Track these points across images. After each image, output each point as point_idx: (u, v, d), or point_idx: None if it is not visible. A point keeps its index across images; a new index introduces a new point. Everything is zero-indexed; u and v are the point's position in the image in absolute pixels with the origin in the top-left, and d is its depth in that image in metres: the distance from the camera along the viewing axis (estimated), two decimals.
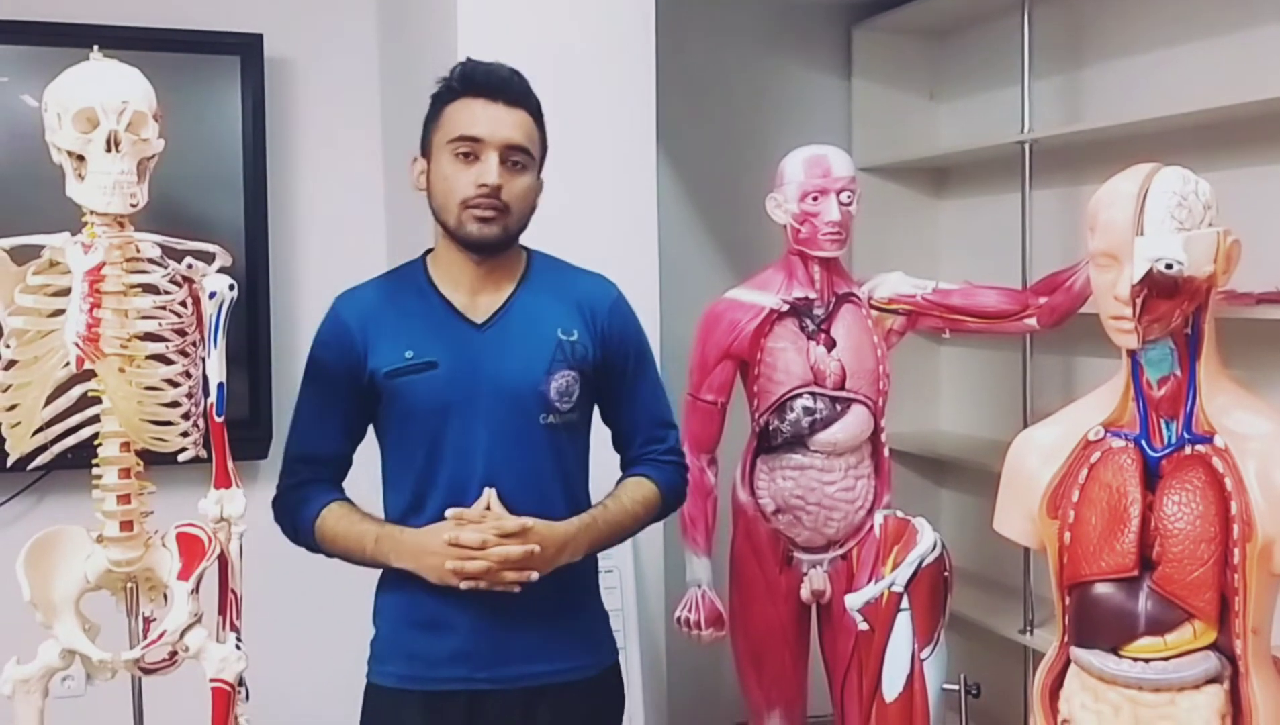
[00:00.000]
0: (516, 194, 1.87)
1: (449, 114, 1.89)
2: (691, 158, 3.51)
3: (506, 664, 1.89)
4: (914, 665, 1.80)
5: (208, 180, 3.01)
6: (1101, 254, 1.56)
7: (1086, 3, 3.17)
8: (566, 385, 1.90)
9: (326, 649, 3.13)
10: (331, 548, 1.92)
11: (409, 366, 1.88)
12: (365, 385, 1.91)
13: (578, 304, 1.95)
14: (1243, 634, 1.50)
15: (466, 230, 1.87)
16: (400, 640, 1.94)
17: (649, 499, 1.98)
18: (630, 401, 2.02)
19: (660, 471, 2.01)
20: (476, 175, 1.84)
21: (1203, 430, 1.56)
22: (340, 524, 1.90)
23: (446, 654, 1.89)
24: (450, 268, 1.94)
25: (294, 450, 1.97)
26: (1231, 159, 2.68)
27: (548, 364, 1.89)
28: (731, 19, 3.63)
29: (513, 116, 1.87)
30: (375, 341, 1.91)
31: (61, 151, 1.63)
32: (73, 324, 1.60)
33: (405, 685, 1.92)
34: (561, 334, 1.91)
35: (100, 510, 1.69)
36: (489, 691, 1.89)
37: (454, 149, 1.86)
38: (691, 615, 2.58)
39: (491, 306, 1.93)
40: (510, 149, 1.86)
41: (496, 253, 1.91)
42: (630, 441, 2.03)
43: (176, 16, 3.02)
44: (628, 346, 2.00)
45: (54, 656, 1.67)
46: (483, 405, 1.87)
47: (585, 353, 1.92)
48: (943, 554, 1.85)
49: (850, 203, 2.52)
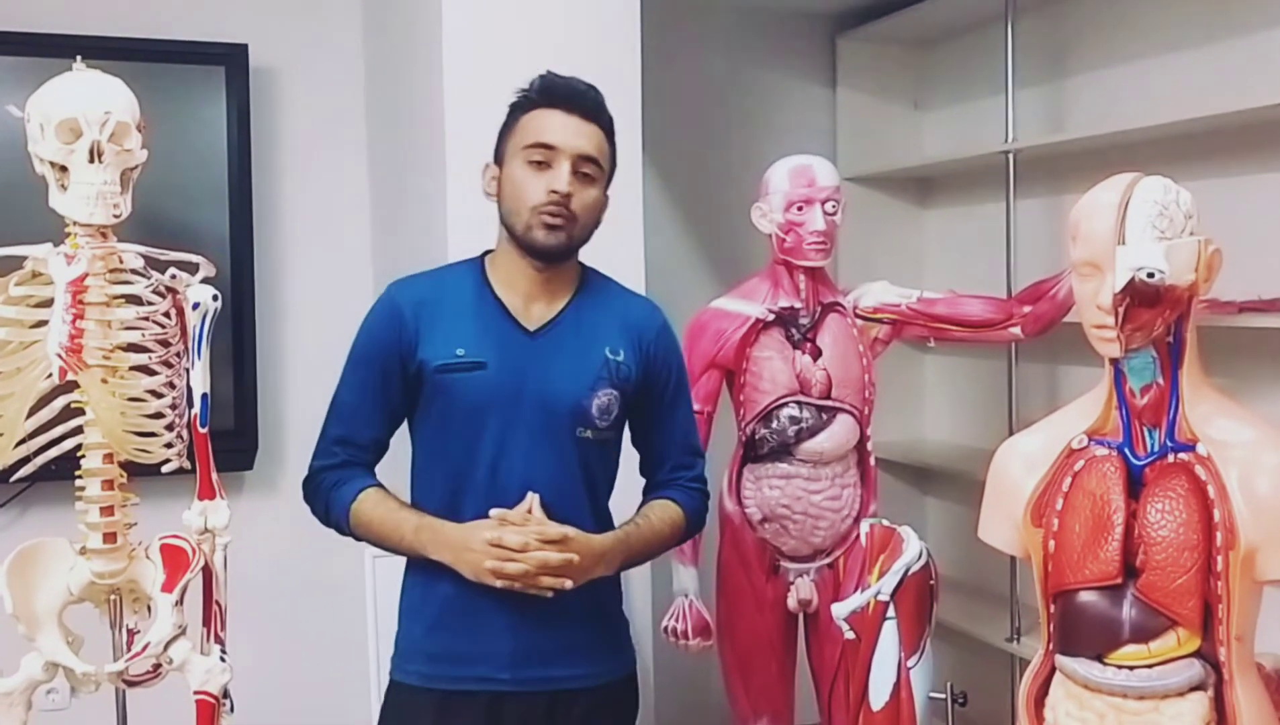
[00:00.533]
0: (585, 204, 1.90)
1: (525, 122, 1.91)
2: (677, 167, 3.51)
3: (529, 666, 1.90)
4: (900, 674, 1.80)
5: (193, 191, 3.00)
6: (1084, 263, 1.56)
7: (1070, 14, 3.19)
8: (608, 403, 1.94)
9: (313, 659, 3.12)
10: (365, 532, 1.93)
11: (459, 364, 1.89)
12: (412, 375, 1.92)
13: (626, 325, 1.99)
14: (1226, 641, 1.50)
15: (534, 236, 1.89)
16: (424, 640, 1.95)
17: (675, 522, 2.03)
18: (664, 427, 2.06)
19: (688, 497, 2.06)
20: (548, 182, 1.87)
21: (1185, 438, 1.57)
22: (378, 510, 1.91)
23: (470, 654, 1.90)
24: (509, 272, 1.95)
25: (333, 431, 1.97)
26: (1213, 168, 2.69)
27: (593, 380, 1.92)
28: (717, 29, 3.64)
29: (587, 129, 1.90)
30: (428, 332, 1.92)
31: (44, 162, 1.63)
32: (55, 335, 1.60)
33: (428, 684, 1.93)
34: (609, 352, 1.95)
35: (83, 522, 1.68)
36: (510, 693, 1.91)
37: (528, 156, 1.89)
38: (678, 625, 2.58)
39: (545, 316, 1.95)
40: (582, 159, 1.89)
41: (558, 261, 1.93)
42: (660, 466, 2.08)
43: (161, 27, 3.01)
44: (669, 373, 2.04)
45: (37, 669, 1.66)
46: (524, 412, 1.90)
47: (629, 374, 1.96)
48: (928, 562, 1.85)
49: (835, 212, 2.53)
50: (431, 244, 2.67)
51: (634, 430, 2.06)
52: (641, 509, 2.03)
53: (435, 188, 2.65)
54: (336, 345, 2.01)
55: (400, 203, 3.06)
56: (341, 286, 3.25)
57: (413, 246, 2.92)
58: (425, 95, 2.72)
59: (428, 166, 2.72)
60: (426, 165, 2.73)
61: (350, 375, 1.98)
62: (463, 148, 2.57)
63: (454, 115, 2.58)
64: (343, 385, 1.99)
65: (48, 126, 1.61)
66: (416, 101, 2.83)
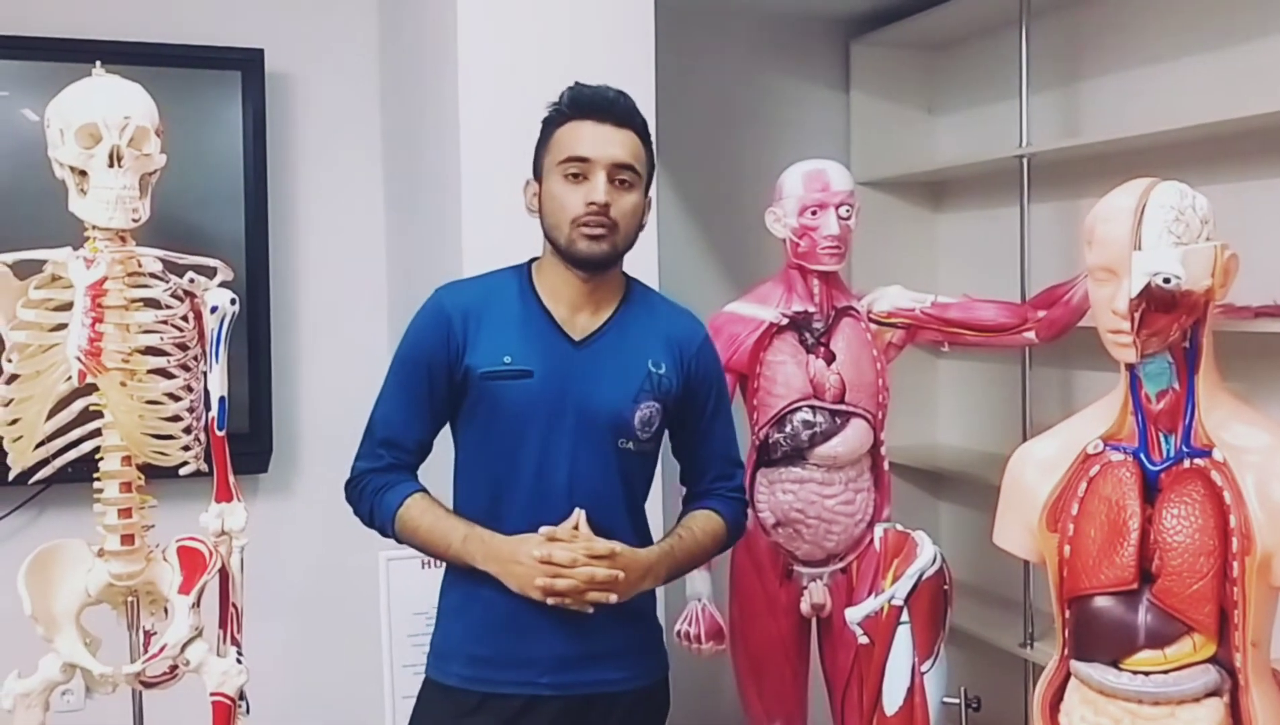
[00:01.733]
0: (625, 211, 1.91)
1: (559, 136, 1.93)
2: (691, 172, 3.51)
3: (567, 671, 1.92)
4: (914, 679, 1.80)
5: (209, 195, 3.01)
6: (1099, 268, 1.56)
7: (1084, 17, 3.18)
8: (650, 415, 1.95)
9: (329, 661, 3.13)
10: (411, 538, 1.94)
11: (505, 371, 1.91)
12: (459, 380, 1.94)
13: (669, 338, 2.01)
14: (1242, 647, 1.50)
15: (577, 248, 1.90)
16: (465, 642, 1.96)
17: (717, 533, 2.05)
18: (705, 439, 2.08)
19: (728, 507, 2.08)
20: (585, 194, 1.88)
21: (1201, 443, 1.56)
22: (426, 517, 1.92)
23: (510, 658, 1.92)
24: (554, 282, 1.97)
25: (379, 434, 1.98)
26: (1229, 173, 2.68)
27: (635, 393, 1.94)
28: (731, 34, 3.64)
29: (620, 136, 1.91)
30: (474, 339, 1.93)
31: (64, 167, 1.65)
32: (74, 338, 1.61)
33: (466, 685, 1.94)
34: (652, 365, 1.96)
35: (101, 524, 1.69)
36: (548, 696, 1.92)
37: (564, 170, 1.90)
38: (692, 629, 2.57)
39: (590, 326, 1.96)
40: (617, 167, 1.90)
41: (604, 270, 1.95)
42: (701, 477, 2.09)
43: (178, 32, 3.03)
44: (711, 386, 2.07)
45: (55, 670, 1.67)
46: (567, 421, 1.91)
47: (670, 387, 1.98)
48: (943, 567, 1.84)
49: (849, 217, 2.52)
50: (446, 248, 2.68)
51: (675, 442, 2.08)
52: (683, 520, 2.05)
53: (450, 192, 2.66)
54: (351, 349, 2.03)
55: (415, 207, 3.07)
56: (356, 290, 3.26)
57: (427, 251, 2.93)
58: (440, 101, 2.73)
59: (442, 171, 2.72)
60: (441, 170, 2.74)
61: (396, 378, 1.99)
62: (477, 153, 2.58)
63: (469, 120, 2.59)
64: (387, 388, 2.00)
65: (68, 131, 1.62)
66: (431, 107, 2.84)
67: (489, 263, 2.08)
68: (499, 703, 1.91)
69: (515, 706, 1.91)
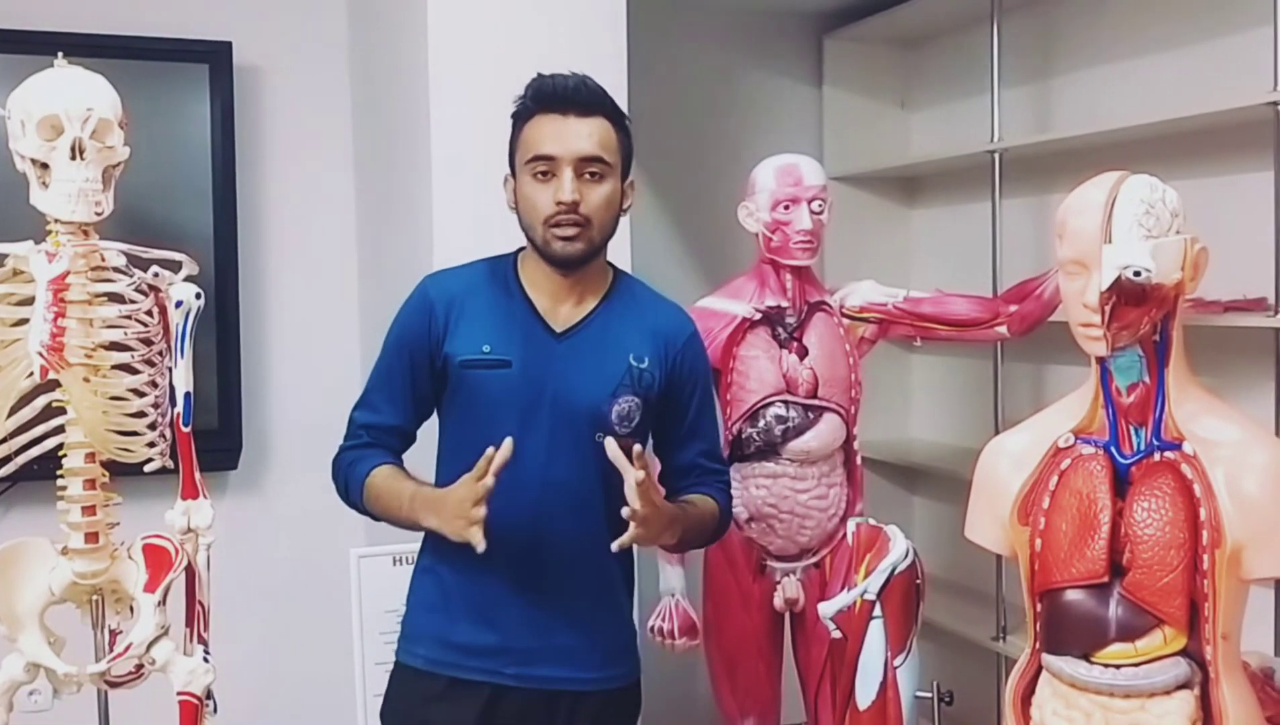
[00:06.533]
0: (596, 205, 1.89)
1: (525, 133, 1.91)
2: (664, 166, 3.50)
3: (534, 664, 1.91)
4: (887, 673, 1.80)
5: (176, 189, 2.99)
6: (1070, 262, 1.56)
7: (1055, 14, 3.20)
8: (629, 410, 1.93)
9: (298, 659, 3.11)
10: (375, 505, 1.93)
11: (484, 360, 1.90)
12: (439, 368, 1.94)
13: (654, 332, 1.98)
14: (1213, 640, 1.51)
15: (552, 249, 1.89)
16: (433, 625, 1.96)
17: (714, 514, 2.04)
18: (689, 434, 2.06)
19: (722, 496, 2.07)
20: (554, 192, 1.86)
21: (1172, 437, 1.57)
22: (387, 482, 1.91)
23: (477, 646, 1.91)
24: (537, 274, 1.96)
25: (360, 417, 1.99)
26: (1198, 167, 2.70)
27: (614, 386, 1.92)
28: (703, 28, 3.64)
29: (585, 127, 1.88)
30: (455, 327, 1.93)
31: (25, 159, 1.62)
32: (36, 333, 1.59)
33: (433, 668, 1.94)
34: (633, 360, 1.94)
35: (65, 522, 1.67)
36: (513, 688, 1.91)
37: (532, 169, 1.89)
38: (665, 624, 2.57)
39: (572, 318, 1.95)
40: (584, 161, 1.87)
41: (581, 267, 1.93)
42: (688, 472, 2.07)
43: (145, 24, 3.00)
44: (696, 381, 2.04)
45: (18, 670, 1.65)
46: (545, 412, 1.90)
47: (652, 381, 1.96)
48: (915, 561, 1.85)
49: (821, 211, 2.52)
50: (417, 242, 2.66)
51: (657, 439, 2.06)
52: (687, 497, 2.02)
53: (420, 186, 2.64)
54: (322, 344, 2.01)
55: (385, 201, 3.05)
56: (326, 285, 3.24)
57: (398, 245, 2.91)
58: (410, 94, 2.71)
59: (413, 165, 2.71)
60: (411, 163, 2.72)
61: (381, 363, 2.00)
62: (448, 146, 2.56)
63: (439, 114, 2.57)
64: (375, 372, 2.01)
65: (29, 123, 1.60)
66: (402, 100, 2.82)
67: (460, 256, 2.07)
68: (465, 690, 1.91)
69: (483, 695, 1.90)
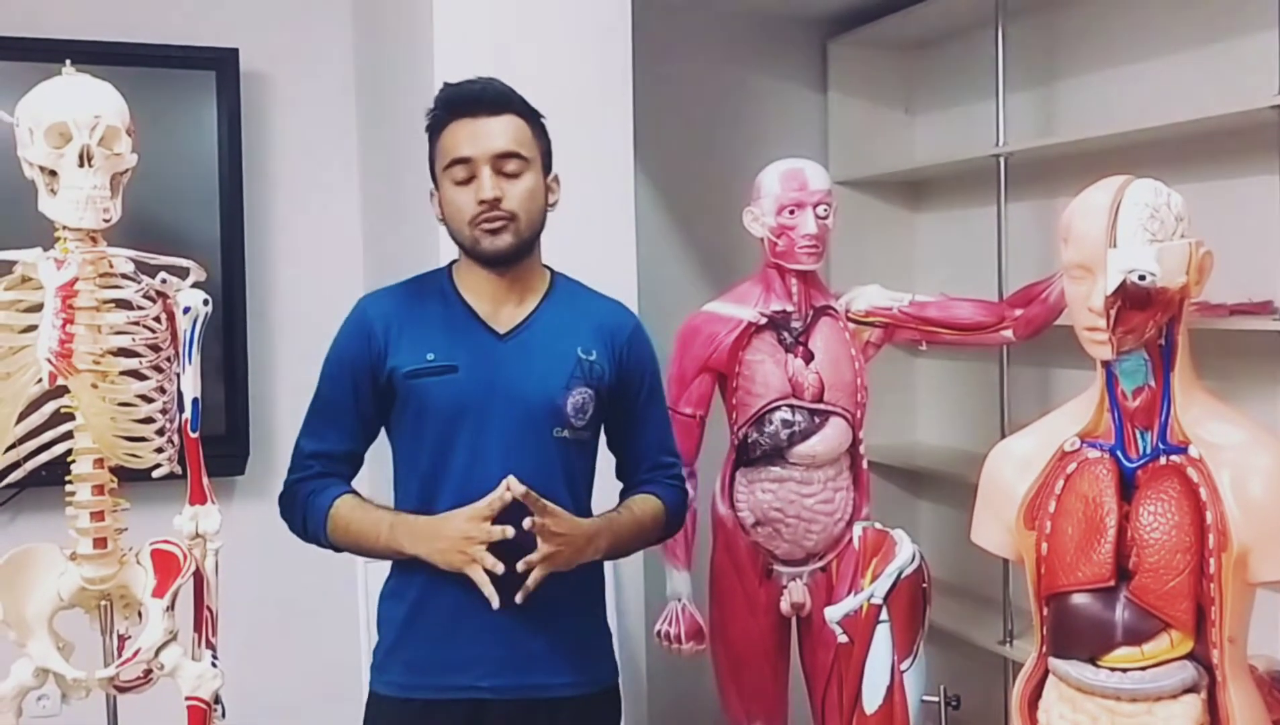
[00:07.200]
0: (519, 198, 1.90)
1: (441, 142, 1.93)
2: (669, 171, 3.51)
3: (511, 674, 1.90)
4: (894, 677, 1.80)
5: (183, 196, 3.00)
6: (1075, 266, 1.56)
7: (1060, 18, 3.20)
8: (583, 402, 1.94)
9: (305, 665, 3.11)
10: (343, 538, 1.92)
11: (429, 368, 1.90)
12: (384, 384, 1.93)
13: (599, 327, 1.99)
14: (1219, 643, 1.50)
15: (481, 247, 1.90)
16: (403, 649, 1.95)
17: (656, 514, 2.03)
18: (640, 428, 2.07)
19: (667, 491, 2.07)
20: (475, 192, 1.88)
21: (1177, 440, 1.57)
22: (354, 513, 1.91)
23: (451, 663, 1.90)
24: (473, 279, 1.96)
25: (307, 447, 1.97)
26: (1203, 171, 2.70)
27: (566, 379, 1.92)
28: (708, 33, 3.65)
29: (497, 125, 1.89)
30: (397, 341, 1.93)
31: (33, 166, 1.62)
32: (45, 340, 1.59)
33: (408, 694, 1.93)
34: (581, 352, 1.95)
35: (74, 527, 1.67)
36: (491, 701, 1.90)
37: (451, 175, 1.90)
38: (671, 629, 2.57)
39: (514, 318, 1.95)
40: (500, 158, 1.88)
41: (515, 262, 1.93)
42: (637, 467, 2.08)
43: (152, 31, 3.01)
44: (644, 374, 2.05)
45: (28, 675, 1.65)
46: (498, 413, 1.89)
47: (602, 373, 1.96)
48: (921, 566, 1.85)
49: (827, 216, 2.53)
50: (423, 248, 2.67)
51: (610, 433, 2.06)
52: (623, 501, 2.04)
53: (425, 193, 2.64)
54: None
55: (391, 208, 3.06)
56: (332, 291, 3.21)
57: (404, 251, 2.91)
58: (416, 101, 2.70)
59: (418, 172, 2.71)
60: (417, 170, 2.72)
61: (323, 389, 1.98)
62: None
63: None
64: (316, 400, 1.99)
65: (37, 130, 1.60)
66: (407, 107, 2.82)
67: None
68: (443, 710, 1.90)
69: (459, 713, 1.89)
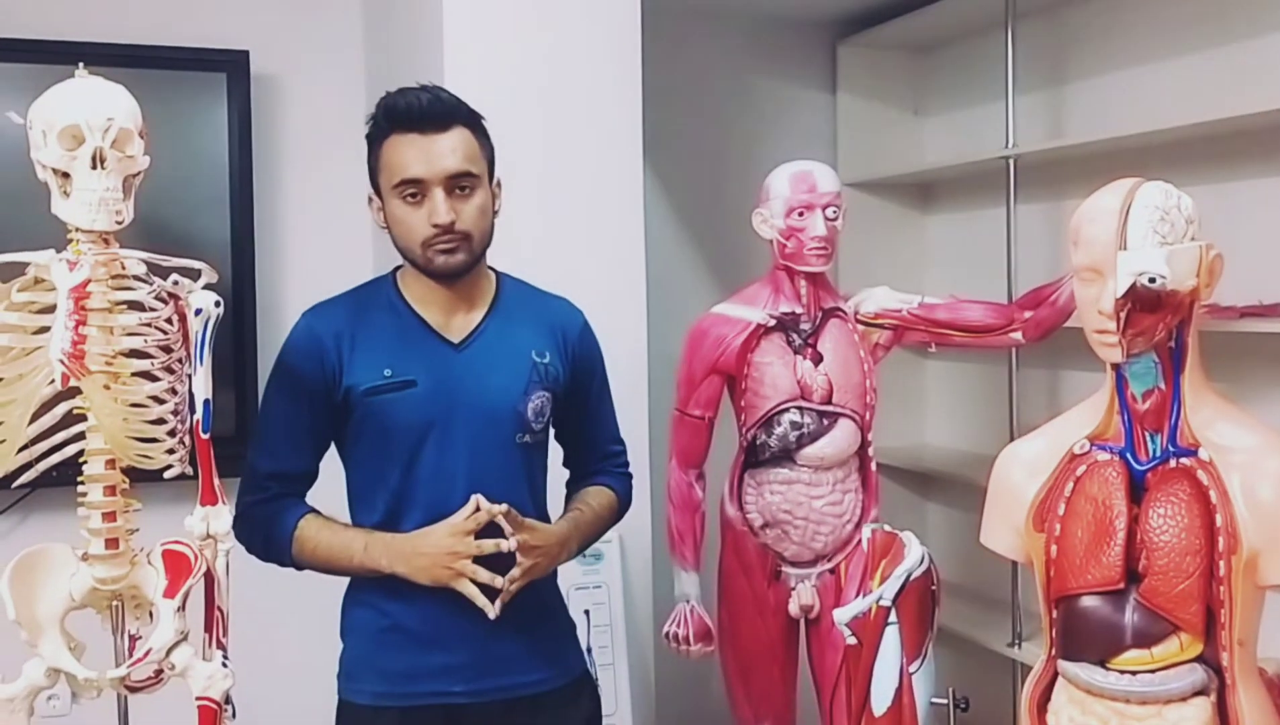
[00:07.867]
0: (472, 217, 1.88)
1: (385, 155, 1.89)
2: (678, 173, 3.52)
3: (484, 676, 1.90)
4: (902, 679, 1.80)
5: (194, 197, 3.00)
6: (1085, 268, 1.56)
7: (1069, 19, 3.20)
8: (541, 406, 1.95)
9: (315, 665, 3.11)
10: (311, 558, 1.92)
11: (388, 384, 1.89)
12: (340, 402, 1.91)
13: (550, 327, 2.00)
14: (1229, 646, 1.50)
15: (435, 266, 1.89)
16: (374, 656, 1.95)
17: (612, 506, 2.10)
18: (592, 421, 2.11)
19: (619, 482, 2.14)
20: (428, 215, 1.86)
21: (1187, 443, 1.57)
22: (322, 534, 1.90)
23: (423, 669, 1.90)
24: (422, 289, 1.95)
25: (264, 467, 1.95)
26: (1213, 173, 2.70)
27: (525, 385, 1.93)
28: (718, 35, 3.65)
29: (447, 142, 1.86)
30: (350, 358, 1.91)
31: (46, 169, 1.63)
32: (57, 341, 1.60)
33: (381, 703, 1.92)
34: (535, 356, 1.96)
35: (85, 528, 1.68)
36: (466, 705, 1.90)
37: (400, 193, 1.87)
38: (680, 630, 2.57)
39: (467, 327, 1.95)
40: (453, 179, 1.86)
41: (465, 276, 1.93)
42: (589, 457, 2.13)
43: (163, 34, 3.01)
44: (594, 369, 2.09)
45: (39, 675, 1.65)
46: (461, 425, 1.89)
47: (556, 374, 1.98)
48: (930, 568, 1.85)
49: (836, 218, 2.53)
50: None
51: (560, 427, 2.08)
52: (578, 496, 2.07)
53: None
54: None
55: None
56: None
57: None
58: None
59: None
60: None
61: (274, 408, 1.95)
62: None
63: None
64: (267, 419, 1.96)
65: (50, 133, 1.61)
66: None
67: None
68: (419, 717, 1.90)
69: (436, 718, 1.89)
